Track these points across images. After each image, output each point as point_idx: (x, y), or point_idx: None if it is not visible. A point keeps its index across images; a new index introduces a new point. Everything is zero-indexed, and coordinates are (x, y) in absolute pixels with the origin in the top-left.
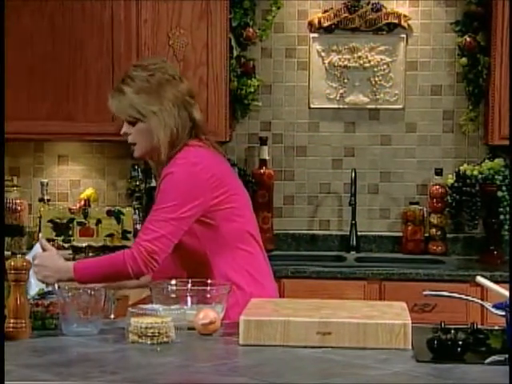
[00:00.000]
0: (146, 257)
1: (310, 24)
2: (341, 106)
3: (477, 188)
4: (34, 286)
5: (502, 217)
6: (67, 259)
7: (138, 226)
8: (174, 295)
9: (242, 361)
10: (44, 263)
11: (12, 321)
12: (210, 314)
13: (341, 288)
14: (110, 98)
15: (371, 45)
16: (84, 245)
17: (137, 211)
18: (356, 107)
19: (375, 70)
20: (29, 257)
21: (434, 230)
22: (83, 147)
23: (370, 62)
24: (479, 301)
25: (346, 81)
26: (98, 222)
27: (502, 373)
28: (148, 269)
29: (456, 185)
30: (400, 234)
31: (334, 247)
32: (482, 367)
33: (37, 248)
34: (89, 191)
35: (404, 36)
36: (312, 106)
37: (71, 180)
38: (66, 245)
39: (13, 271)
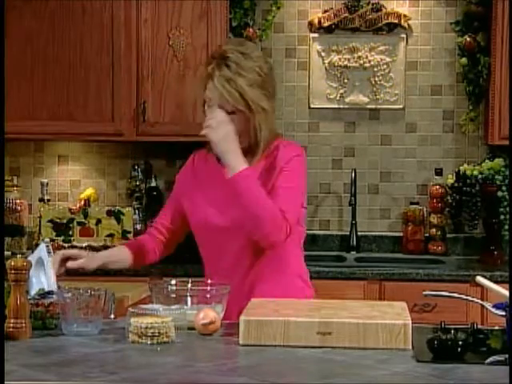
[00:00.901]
0: (288, 228)
1: (310, 24)
2: (341, 106)
3: (477, 188)
4: (35, 286)
5: (502, 217)
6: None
7: (138, 226)
8: (174, 295)
9: (242, 361)
10: (221, 131)
11: (12, 321)
12: (210, 314)
13: (341, 288)
14: (214, 83)
15: (371, 45)
16: (84, 245)
17: (137, 211)
18: (356, 107)
19: (375, 69)
20: (32, 258)
21: (434, 230)
22: (83, 147)
23: (370, 61)
24: (479, 301)
25: (346, 81)
26: (98, 221)
27: (503, 373)
28: (283, 238)
29: (456, 185)
30: (400, 234)
31: (334, 247)
32: (482, 367)
33: (40, 249)
34: (89, 191)
35: (404, 36)
36: (312, 106)
37: (71, 180)
38: (66, 245)
39: (13, 271)
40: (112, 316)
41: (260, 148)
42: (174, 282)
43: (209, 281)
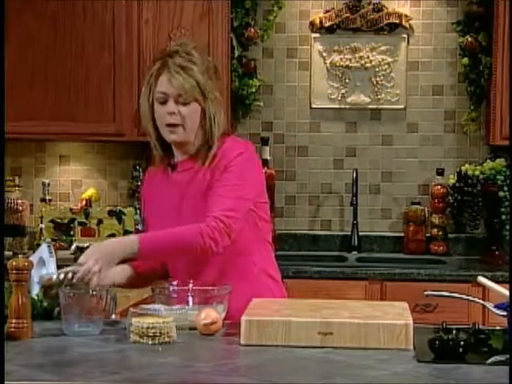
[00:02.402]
0: (223, 227)
1: (312, 24)
2: (342, 106)
3: (478, 188)
4: (36, 286)
5: (503, 217)
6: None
7: (139, 227)
8: (175, 295)
9: (244, 361)
10: (98, 250)
11: (14, 321)
12: (211, 314)
13: (342, 288)
14: (169, 74)
15: (372, 45)
16: (85, 245)
17: (138, 211)
18: (357, 107)
19: (376, 70)
20: (33, 258)
21: (435, 230)
22: (84, 147)
23: (371, 62)
24: (481, 301)
25: (347, 81)
26: (100, 222)
27: (504, 373)
28: (223, 239)
29: (457, 185)
30: (401, 234)
31: (335, 247)
32: (483, 367)
33: (42, 249)
34: (90, 191)
35: (405, 36)
36: (313, 106)
37: (73, 180)
38: (68, 245)
39: (14, 271)
40: (113, 316)
41: (214, 143)
42: (175, 282)
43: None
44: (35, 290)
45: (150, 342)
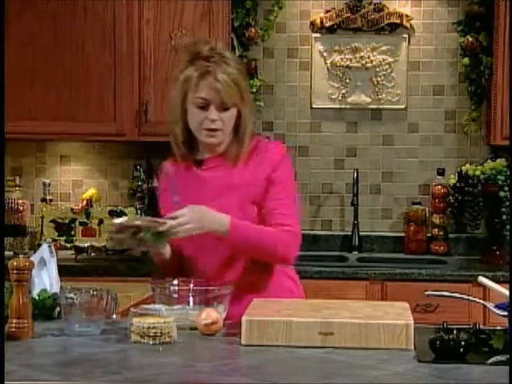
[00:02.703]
0: (297, 242)
1: (312, 24)
2: (343, 106)
3: (479, 188)
4: (37, 286)
5: (504, 217)
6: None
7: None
8: (176, 295)
9: (244, 361)
10: (195, 215)
11: (14, 321)
12: (212, 314)
13: (343, 288)
14: (211, 80)
15: (373, 45)
16: (86, 245)
17: (139, 211)
18: (358, 107)
19: (377, 70)
20: (34, 258)
21: (436, 230)
22: (85, 147)
23: (372, 62)
24: (481, 301)
25: (348, 81)
26: (100, 222)
27: (505, 373)
28: (296, 253)
29: (458, 185)
30: (402, 234)
31: (335, 247)
32: (484, 367)
33: (42, 249)
34: (91, 191)
35: (406, 36)
36: (314, 106)
37: (73, 180)
38: (68, 245)
39: (15, 271)
40: (114, 316)
41: (246, 143)
42: (176, 282)
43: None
44: (36, 290)
45: (151, 342)
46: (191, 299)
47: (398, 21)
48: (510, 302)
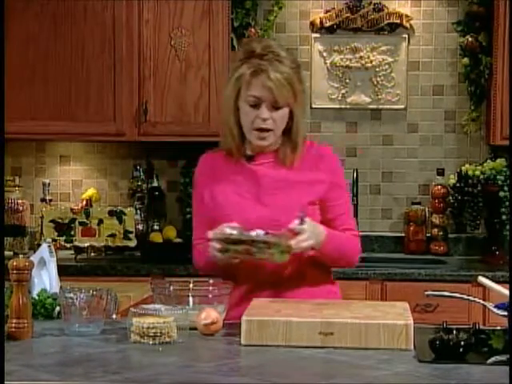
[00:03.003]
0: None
1: (312, 24)
2: (342, 106)
3: (479, 188)
4: (37, 286)
5: (503, 217)
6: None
7: (140, 226)
8: (175, 295)
9: (244, 361)
10: (314, 230)
11: (14, 321)
12: (211, 314)
13: (343, 288)
14: (265, 78)
15: (373, 45)
16: (86, 245)
17: (138, 211)
18: (358, 107)
19: (377, 70)
20: (34, 258)
21: (435, 230)
22: (85, 147)
23: (371, 62)
24: (481, 301)
25: (347, 81)
26: (100, 222)
27: (505, 373)
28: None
29: (458, 185)
30: (402, 234)
31: None
32: (484, 367)
33: (42, 249)
34: (90, 191)
35: (406, 36)
36: (314, 106)
37: (73, 180)
38: (68, 245)
39: (15, 271)
40: (114, 316)
41: (299, 146)
42: (175, 282)
43: (211, 280)
44: (36, 290)
45: (151, 342)
46: (191, 299)
47: (398, 21)
48: (510, 302)
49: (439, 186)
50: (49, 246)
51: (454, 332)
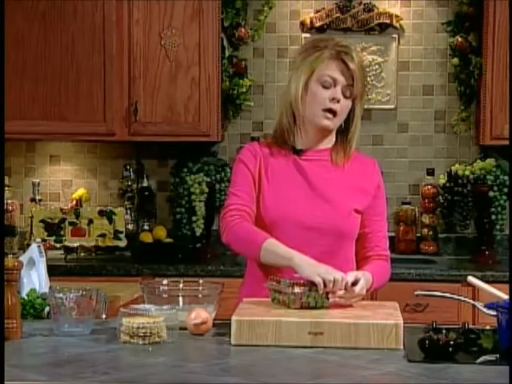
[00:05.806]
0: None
1: (302, 24)
2: None
3: (468, 188)
4: (26, 286)
5: (493, 217)
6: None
7: (130, 226)
8: (165, 295)
9: (234, 361)
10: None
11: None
12: (201, 314)
13: None
14: (345, 61)
15: (363, 45)
16: (76, 245)
17: (128, 211)
18: None
19: (367, 70)
20: (23, 258)
21: (425, 229)
22: (75, 147)
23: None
24: (471, 301)
25: None
26: (90, 221)
27: (494, 372)
28: None
29: (448, 185)
30: (392, 234)
31: None
32: (473, 367)
33: (32, 249)
34: (80, 191)
35: (396, 36)
36: None
37: (63, 180)
38: (58, 245)
39: (4, 271)
40: (104, 316)
41: (353, 146)
42: (165, 282)
43: (201, 280)
44: (25, 290)
45: (141, 342)
46: (181, 299)
47: (388, 21)
48: (510, 302)
49: (429, 186)
50: (38, 246)
51: (444, 332)
